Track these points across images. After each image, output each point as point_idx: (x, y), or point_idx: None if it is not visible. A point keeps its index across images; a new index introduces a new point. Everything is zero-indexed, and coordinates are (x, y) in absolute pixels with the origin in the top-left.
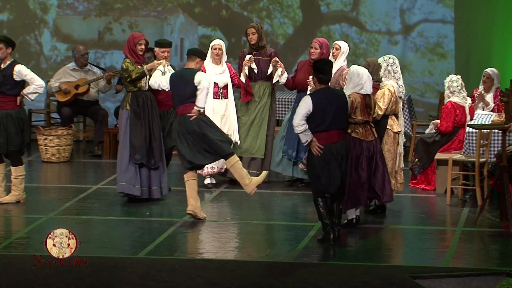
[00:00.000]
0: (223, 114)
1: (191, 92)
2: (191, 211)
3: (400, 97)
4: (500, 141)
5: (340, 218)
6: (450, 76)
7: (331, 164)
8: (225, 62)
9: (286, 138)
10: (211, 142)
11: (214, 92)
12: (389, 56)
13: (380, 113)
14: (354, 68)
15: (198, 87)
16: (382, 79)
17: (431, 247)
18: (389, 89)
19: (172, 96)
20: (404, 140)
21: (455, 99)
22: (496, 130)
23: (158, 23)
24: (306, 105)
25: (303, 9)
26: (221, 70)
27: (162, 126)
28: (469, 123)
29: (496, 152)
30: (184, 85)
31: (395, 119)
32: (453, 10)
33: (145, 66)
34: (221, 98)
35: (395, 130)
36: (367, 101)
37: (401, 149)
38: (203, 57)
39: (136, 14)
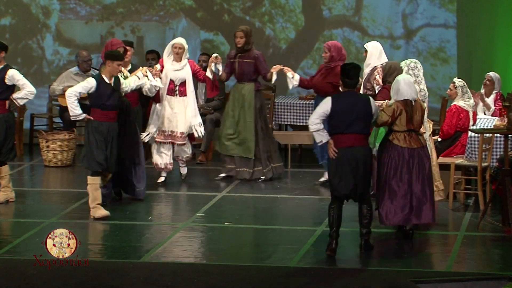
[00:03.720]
0: (178, 112)
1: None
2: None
3: (422, 101)
4: (502, 146)
5: (370, 222)
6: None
7: (344, 167)
8: (187, 59)
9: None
10: None
11: (168, 89)
12: (411, 60)
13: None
14: (398, 78)
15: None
16: None
17: (433, 251)
18: None
19: None
20: (431, 147)
21: (459, 103)
22: (499, 135)
23: (160, 27)
24: (325, 105)
25: (305, 14)
26: (180, 66)
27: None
28: (471, 127)
29: (498, 156)
30: None
31: None
32: (455, 14)
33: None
34: (176, 95)
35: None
36: (409, 108)
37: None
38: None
39: (138, 18)
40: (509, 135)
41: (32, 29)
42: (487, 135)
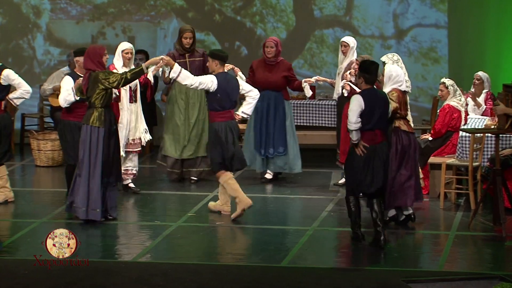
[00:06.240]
0: (138, 118)
1: (237, 98)
2: (247, 206)
3: (406, 92)
4: (493, 145)
5: (383, 217)
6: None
7: (375, 164)
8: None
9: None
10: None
11: (129, 96)
12: (393, 54)
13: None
14: (391, 67)
15: (249, 95)
16: None
17: (424, 251)
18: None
19: (219, 100)
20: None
21: (452, 102)
22: (490, 134)
23: (152, 27)
24: (358, 103)
25: (296, 14)
26: None
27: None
28: (462, 127)
29: (489, 156)
30: (235, 91)
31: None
32: (447, 14)
33: (143, 64)
34: (134, 102)
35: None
36: (405, 97)
37: None
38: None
39: (129, 18)
40: (500, 135)
41: (23, 29)
42: (478, 134)
